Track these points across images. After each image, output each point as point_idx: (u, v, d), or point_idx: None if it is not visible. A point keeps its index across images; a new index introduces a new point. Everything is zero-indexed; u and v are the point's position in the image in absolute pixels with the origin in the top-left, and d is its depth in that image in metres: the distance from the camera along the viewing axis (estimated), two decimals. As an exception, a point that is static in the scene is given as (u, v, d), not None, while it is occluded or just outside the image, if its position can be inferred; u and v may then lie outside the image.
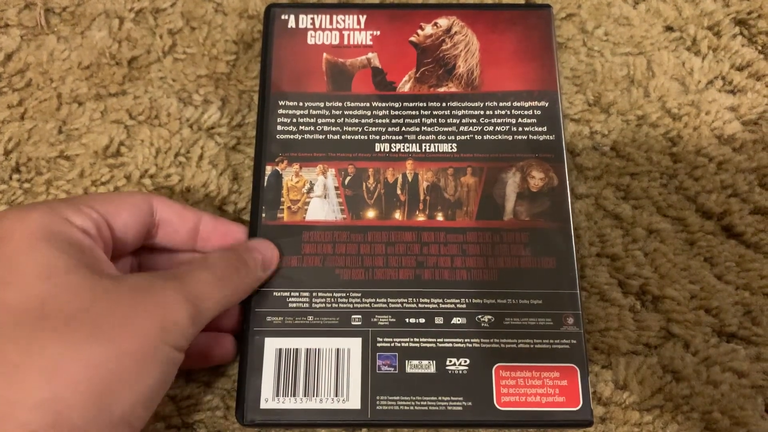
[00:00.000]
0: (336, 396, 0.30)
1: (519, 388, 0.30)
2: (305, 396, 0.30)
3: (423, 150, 0.34)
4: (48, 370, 0.22)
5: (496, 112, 0.35)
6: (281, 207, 0.33)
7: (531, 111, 0.35)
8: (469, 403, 0.30)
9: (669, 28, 0.40)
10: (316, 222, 0.33)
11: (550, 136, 0.34)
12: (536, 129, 0.34)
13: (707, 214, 0.36)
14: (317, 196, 0.33)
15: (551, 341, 0.31)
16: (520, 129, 0.34)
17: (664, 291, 0.34)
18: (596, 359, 0.33)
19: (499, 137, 0.34)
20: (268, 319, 0.31)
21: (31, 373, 0.22)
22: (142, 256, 0.32)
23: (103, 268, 0.26)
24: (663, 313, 0.34)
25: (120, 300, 0.24)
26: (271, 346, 0.31)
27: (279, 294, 0.32)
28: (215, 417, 0.32)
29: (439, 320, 0.31)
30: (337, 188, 0.33)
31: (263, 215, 0.33)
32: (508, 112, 0.35)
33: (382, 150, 0.34)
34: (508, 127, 0.34)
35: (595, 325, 0.34)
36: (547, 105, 0.35)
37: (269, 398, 0.30)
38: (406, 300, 0.32)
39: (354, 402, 0.30)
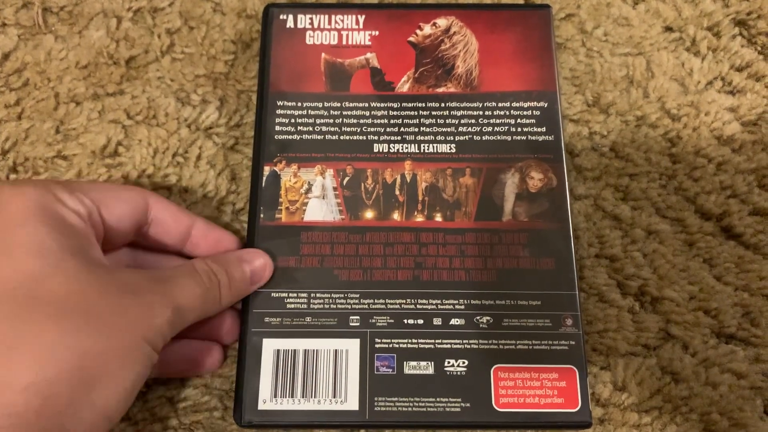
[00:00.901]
0: (334, 397, 0.30)
1: (517, 390, 0.30)
2: (303, 397, 0.30)
3: (422, 150, 0.34)
4: (40, 354, 0.22)
5: (495, 113, 0.34)
6: (279, 207, 0.33)
7: (530, 111, 0.35)
8: (468, 405, 0.30)
9: (668, 29, 0.40)
10: (314, 222, 0.33)
11: (549, 137, 0.34)
12: (535, 129, 0.34)
13: (706, 215, 0.36)
14: (315, 197, 0.33)
15: (550, 342, 0.31)
16: (519, 129, 0.34)
17: (663, 292, 0.34)
18: (595, 360, 0.33)
19: (498, 138, 0.34)
20: (266, 319, 0.31)
21: (24, 356, 0.22)
22: (135, 252, 0.32)
23: (94, 255, 0.26)
24: (662, 314, 0.34)
25: (109, 292, 0.24)
26: (269, 346, 0.31)
27: (277, 295, 0.32)
28: (213, 418, 0.32)
29: (437, 321, 0.31)
30: (335, 189, 0.33)
31: (261, 216, 0.33)
32: (507, 113, 0.35)
33: (381, 150, 0.34)
34: (507, 127, 0.34)
35: (594, 327, 0.34)
36: (546, 105, 0.35)
37: (267, 399, 0.30)
38: (404, 301, 0.31)
39: (352, 403, 0.30)
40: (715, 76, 0.39)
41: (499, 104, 0.35)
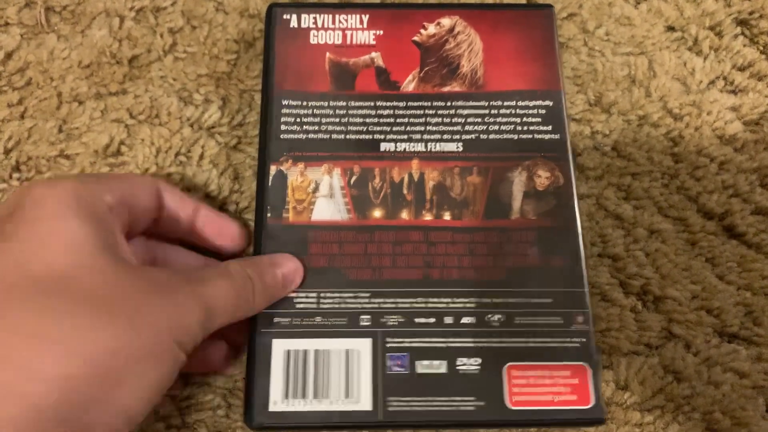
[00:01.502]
0: (346, 398, 0.30)
1: (530, 387, 0.30)
2: (315, 398, 0.29)
3: (428, 149, 0.34)
4: (64, 345, 0.22)
5: (500, 111, 0.34)
6: (286, 207, 0.33)
7: (536, 110, 0.35)
8: (481, 403, 0.30)
9: (670, 28, 0.40)
10: (322, 222, 0.33)
11: (555, 136, 0.34)
12: (541, 128, 0.34)
13: (709, 214, 0.36)
14: (323, 196, 0.33)
15: (561, 340, 0.31)
16: (525, 128, 0.34)
17: (665, 291, 0.34)
18: (598, 359, 0.33)
19: (505, 136, 0.34)
20: (276, 319, 0.31)
21: (50, 347, 0.21)
22: (147, 242, 0.32)
23: (124, 251, 0.26)
24: (664, 313, 0.34)
25: (140, 290, 0.24)
26: (279, 347, 0.30)
27: (286, 294, 0.32)
28: (216, 416, 0.32)
29: (448, 320, 0.31)
30: (342, 188, 0.33)
31: (268, 215, 0.33)
32: (513, 112, 0.35)
33: (388, 150, 0.34)
34: (513, 126, 0.34)
35: (597, 326, 0.34)
36: (551, 105, 0.35)
37: (278, 400, 0.29)
38: (415, 300, 0.31)
39: (365, 403, 0.29)
40: (717, 75, 0.39)
41: (505, 103, 0.35)
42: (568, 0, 0.40)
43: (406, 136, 0.34)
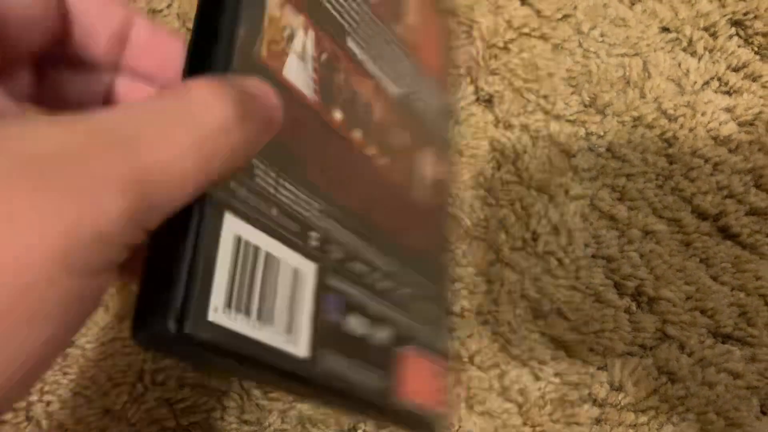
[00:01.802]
0: (288, 334, 0.21)
1: (418, 382, 0.27)
2: (258, 319, 0.20)
3: (380, 78, 0.28)
4: None
5: (423, 87, 0.32)
6: (261, 38, 0.21)
7: (440, 103, 0.34)
8: (385, 384, 0.25)
9: (665, 29, 0.40)
10: (293, 85, 0.23)
11: (447, 135, 0.34)
12: (442, 123, 0.34)
13: (703, 215, 0.36)
14: (296, 54, 0.23)
15: (443, 336, 0.29)
16: (432, 116, 0.33)
17: (659, 292, 0.34)
18: (592, 360, 0.33)
19: (422, 112, 0.32)
20: (232, 185, 0.19)
21: None
22: (45, 75, 0.21)
23: None
24: (658, 314, 0.34)
25: (13, 183, 0.13)
26: (232, 229, 0.19)
27: None
28: (211, 419, 0.32)
29: (377, 277, 0.26)
30: (313, 58, 0.24)
31: (238, 39, 0.20)
32: (430, 94, 0.33)
33: (353, 49, 0.27)
34: (427, 106, 0.32)
35: (591, 327, 0.34)
36: (451, 105, 0.34)
37: (219, 308, 0.18)
38: (357, 237, 0.25)
39: (302, 347, 0.21)
40: (711, 76, 0.39)
41: (426, 83, 0.33)
42: (563, 1, 0.40)
43: (365, 46, 0.27)
